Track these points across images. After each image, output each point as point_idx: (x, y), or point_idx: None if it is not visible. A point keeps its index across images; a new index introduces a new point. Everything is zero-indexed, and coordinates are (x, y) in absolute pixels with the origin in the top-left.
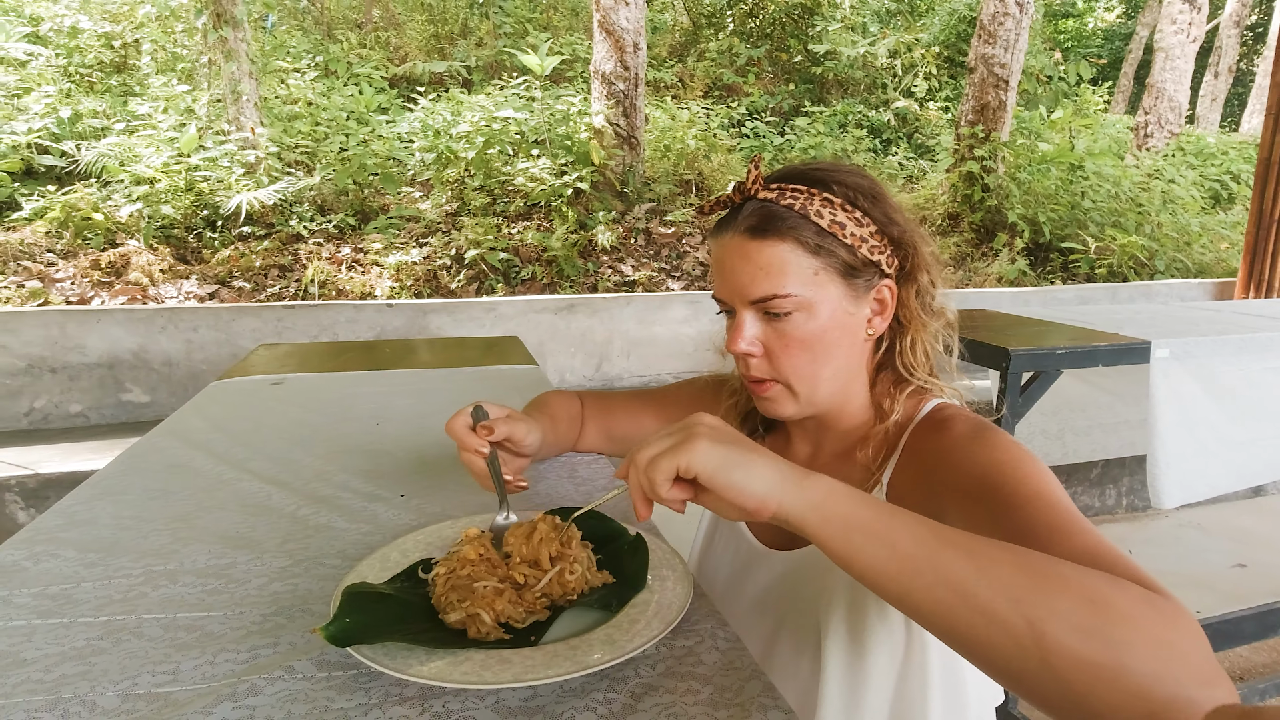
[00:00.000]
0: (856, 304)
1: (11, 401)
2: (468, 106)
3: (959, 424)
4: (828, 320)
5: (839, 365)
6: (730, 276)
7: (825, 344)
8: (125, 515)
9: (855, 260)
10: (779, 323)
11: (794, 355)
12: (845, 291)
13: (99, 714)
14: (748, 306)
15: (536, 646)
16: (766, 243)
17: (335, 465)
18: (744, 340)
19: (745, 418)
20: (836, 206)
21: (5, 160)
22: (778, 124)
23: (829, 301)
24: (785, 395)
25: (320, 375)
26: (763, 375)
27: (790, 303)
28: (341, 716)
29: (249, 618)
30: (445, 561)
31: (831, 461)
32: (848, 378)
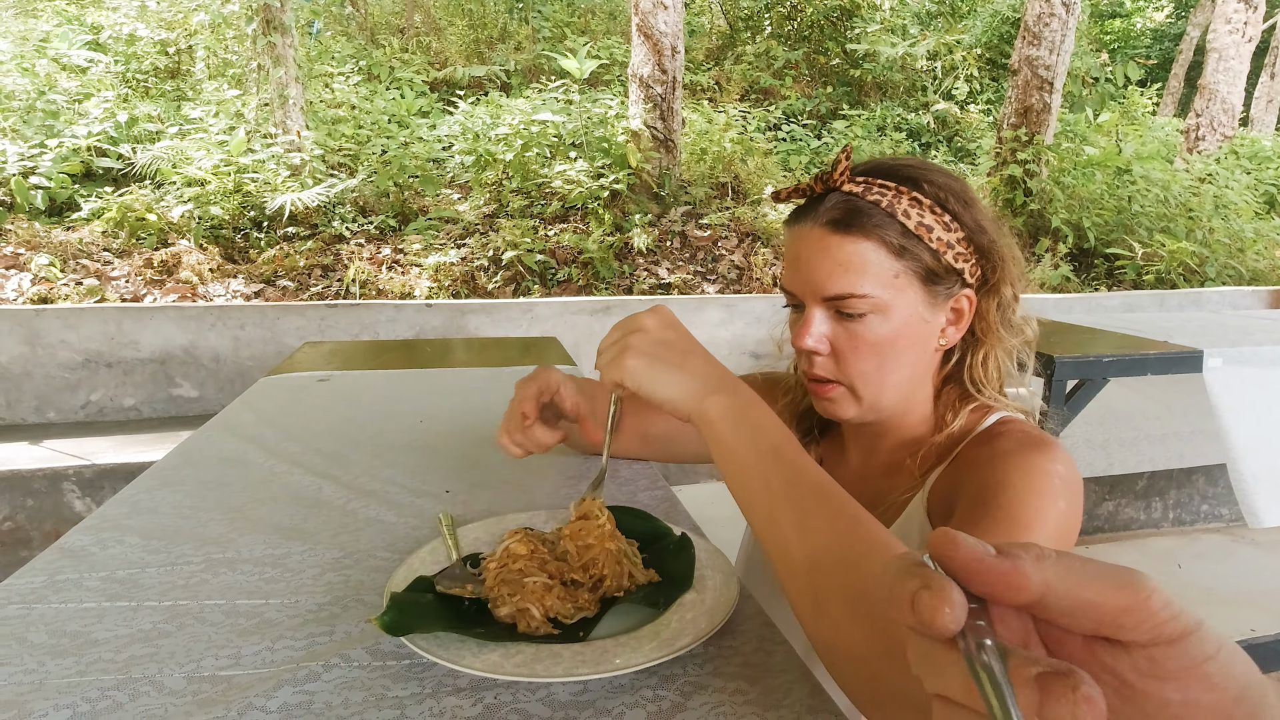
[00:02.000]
0: (933, 312)
1: (70, 394)
2: (506, 110)
3: (1007, 439)
4: (902, 325)
5: (907, 373)
6: (805, 270)
7: (896, 350)
8: (184, 505)
9: (939, 266)
10: (851, 323)
11: (862, 358)
12: (923, 298)
13: (167, 694)
14: (819, 303)
15: (586, 642)
16: (848, 238)
17: (382, 461)
18: (812, 337)
19: (800, 417)
20: (925, 207)
21: (67, 163)
22: (814, 127)
23: (905, 306)
24: (848, 398)
25: (365, 373)
26: (826, 375)
27: (866, 304)
28: (397, 704)
29: (305, 606)
30: (494, 556)
31: (882, 472)
32: (913, 386)
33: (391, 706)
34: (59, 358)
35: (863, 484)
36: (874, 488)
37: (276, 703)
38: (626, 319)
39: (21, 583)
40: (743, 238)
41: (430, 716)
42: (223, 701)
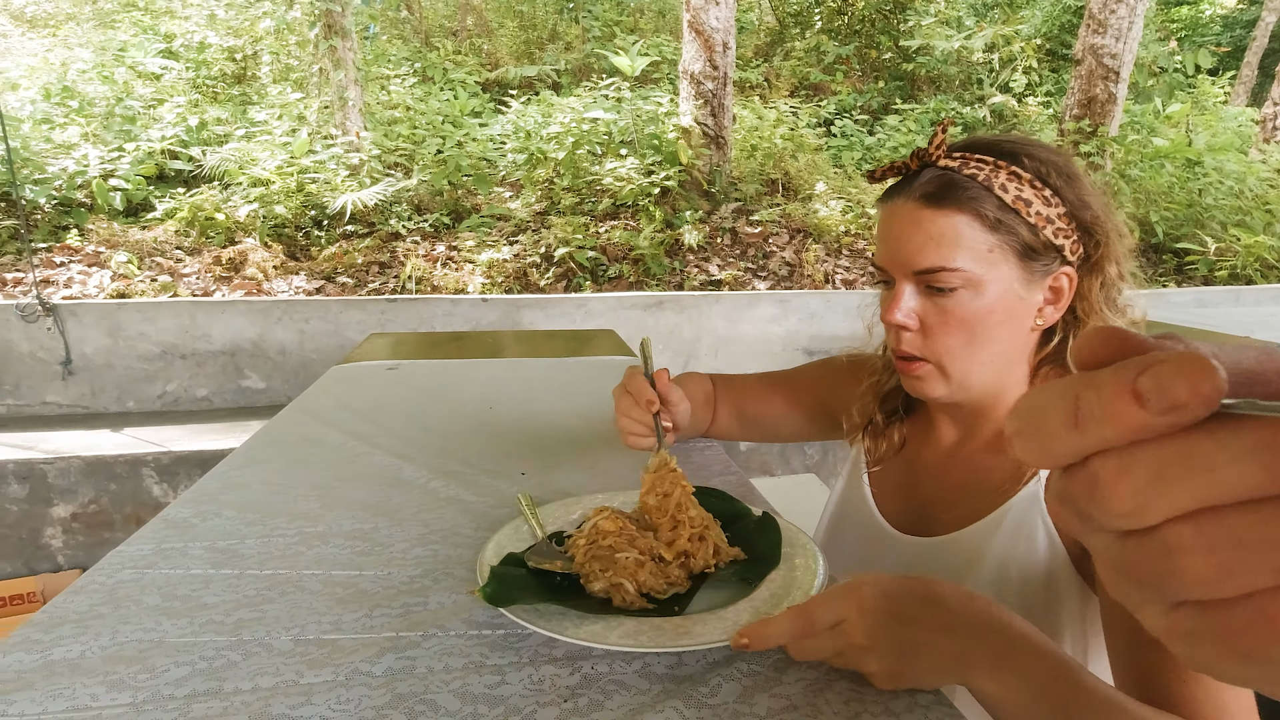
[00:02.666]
0: (1029, 289)
1: (148, 384)
2: (558, 108)
3: None
4: (994, 301)
5: (998, 351)
6: (895, 244)
7: (987, 326)
8: (273, 481)
9: (1036, 241)
10: (941, 298)
11: (951, 334)
12: (1019, 274)
13: (276, 655)
14: (909, 278)
15: (683, 616)
16: (941, 212)
17: (455, 444)
18: (901, 312)
19: (885, 398)
20: (1024, 182)
21: (142, 165)
22: (866, 122)
23: (999, 282)
24: (936, 376)
25: (430, 362)
26: (914, 352)
27: (958, 278)
28: (496, 671)
29: (397, 579)
30: (582, 533)
31: (979, 453)
32: (1006, 366)
33: (491, 673)
34: (138, 350)
35: (953, 463)
36: (967, 468)
37: (381, 667)
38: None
39: (132, 549)
40: (794, 234)
41: (529, 684)
42: (330, 664)
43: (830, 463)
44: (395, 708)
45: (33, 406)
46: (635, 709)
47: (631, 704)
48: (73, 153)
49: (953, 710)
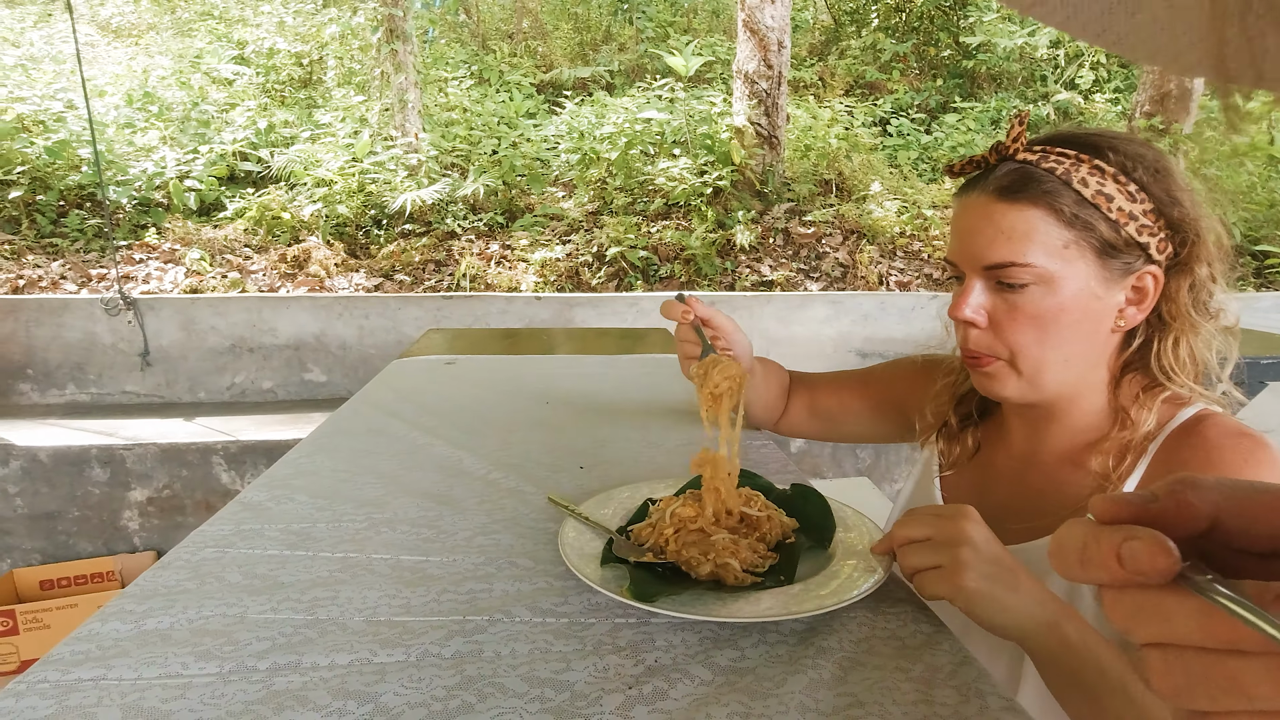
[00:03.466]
0: (1108, 288)
1: (218, 376)
2: (611, 109)
3: (1217, 431)
4: (1069, 300)
5: (1073, 352)
6: (966, 238)
7: (1060, 325)
8: (341, 469)
9: (1117, 238)
10: (1012, 294)
11: (1021, 331)
12: (1097, 272)
13: (350, 634)
14: (979, 272)
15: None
16: (1015, 206)
17: (515, 437)
18: (969, 307)
19: (960, 400)
20: (1107, 176)
21: (215, 167)
22: (923, 121)
23: (1075, 279)
24: (1007, 373)
25: (487, 357)
26: (981, 350)
27: (1029, 273)
28: (561, 659)
29: (462, 565)
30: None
31: (1055, 463)
32: (1084, 369)
33: (557, 659)
34: (209, 343)
35: (1028, 471)
36: (1042, 477)
37: (450, 650)
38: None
39: (214, 530)
40: (847, 235)
41: (594, 672)
42: (401, 645)
43: (883, 466)
44: (465, 689)
45: (114, 395)
46: (699, 699)
47: (695, 694)
48: (152, 155)
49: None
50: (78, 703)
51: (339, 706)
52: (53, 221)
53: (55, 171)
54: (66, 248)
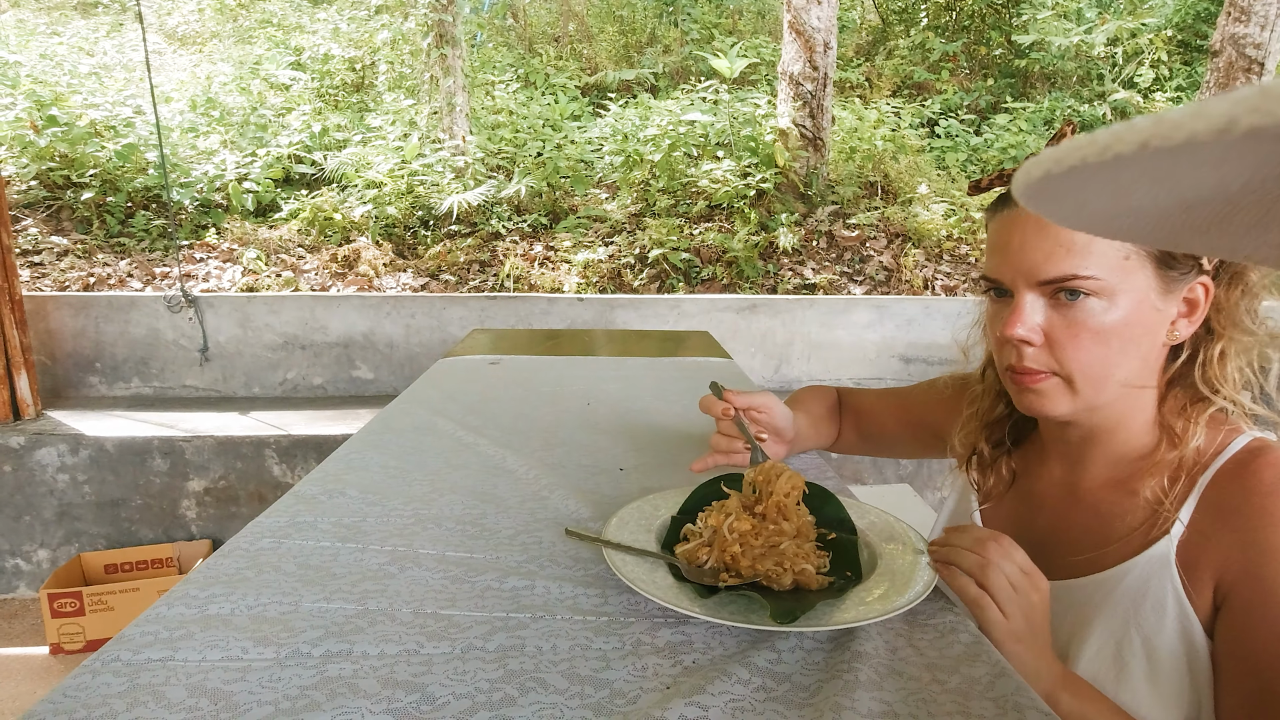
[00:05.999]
0: (1165, 300)
1: (271, 372)
2: (655, 111)
3: (1269, 471)
4: (1130, 313)
5: (1135, 368)
6: (1016, 253)
7: (1123, 340)
8: (390, 465)
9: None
10: (1070, 309)
11: (1084, 348)
12: (1156, 283)
13: (398, 624)
14: (1033, 287)
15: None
16: None
17: (556, 438)
18: (1024, 326)
19: (991, 426)
20: None
21: (271, 169)
22: (973, 122)
23: (1135, 291)
24: (1061, 390)
25: (531, 358)
26: (1037, 366)
27: (1092, 285)
28: (600, 657)
29: (506, 562)
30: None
31: (1101, 489)
32: (1136, 385)
33: (597, 658)
34: (264, 339)
35: (1072, 500)
36: (1088, 506)
37: (493, 644)
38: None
39: (270, 521)
40: (892, 238)
41: (633, 670)
42: (446, 637)
43: (925, 474)
44: (508, 682)
45: (174, 389)
46: (735, 699)
47: (731, 693)
48: (213, 158)
49: None
50: (147, 681)
51: (388, 695)
52: (121, 222)
53: (124, 174)
54: (133, 247)
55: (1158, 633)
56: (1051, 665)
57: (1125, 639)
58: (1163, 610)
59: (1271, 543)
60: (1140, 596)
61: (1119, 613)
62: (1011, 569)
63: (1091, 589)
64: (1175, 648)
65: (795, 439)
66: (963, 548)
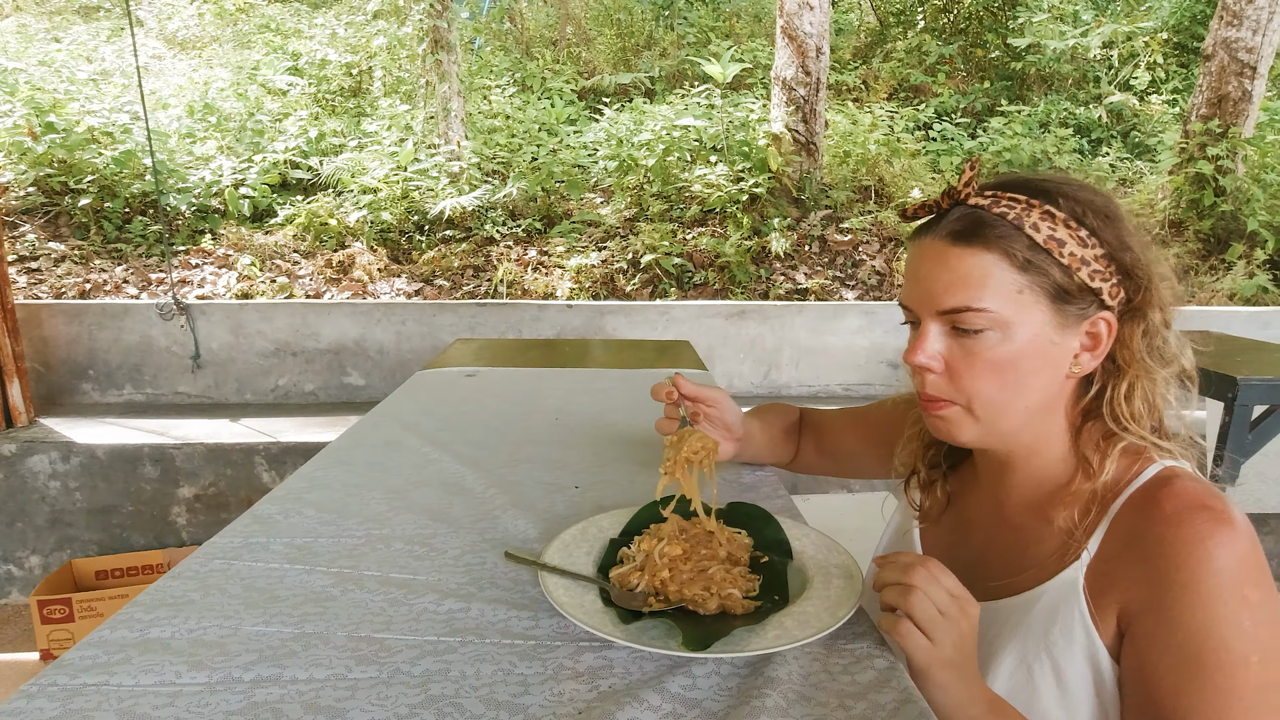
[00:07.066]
0: (1063, 334)
1: (263, 379)
2: (650, 116)
3: (1175, 504)
4: (1025, 345)
5: (1034, 399)
6: (921, 283)
7: (1018, 371)
8: (352, 483)
9: (1070, 284)
10: (968, 339)
11: (980, 378)
12: (1052, 317)
13: (331, 648)
14: (935, 317)
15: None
16: (969, 250)
17: (520, 455)
18: (924, 353)
19: (928, 449)
20: (1059, 221)
21: (267, 175)
22: (969, 125)
23: (1030, 325)
24: (964, 418)
25: (508, 370)
26: (939, 394)
27: (985, 318)
28: (520, 682)
29: (446, 585)
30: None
31: (1023, 514)
32: (1041, 415)
33: (517, 683)
34: (256, 346)
35: (998, 524)
36: (1011, 530)
37: (420, 669)
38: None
39: (223, 542)
40: (885, 242)
41: (550, 696)
42: (376, 661)
43: None
44: (427, 708)
45: (166, 396)
46: None
47: (641, 719)
48: (210, 164)
49: None
50: (79, 706)
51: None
52: (118, 228)
53: (121, 180)
54: (130, 253)
55: (1066, 658)
56: (981, 691)
57: (1037, 663)
58: (1071, 636)
59: (1170, 574)
60: (1051, 622)
61: (1031, 637)
62: (939, 594)
63: (1007, 612)
64: (1084, 673)
65: (746, 439)
66: (888, 580)
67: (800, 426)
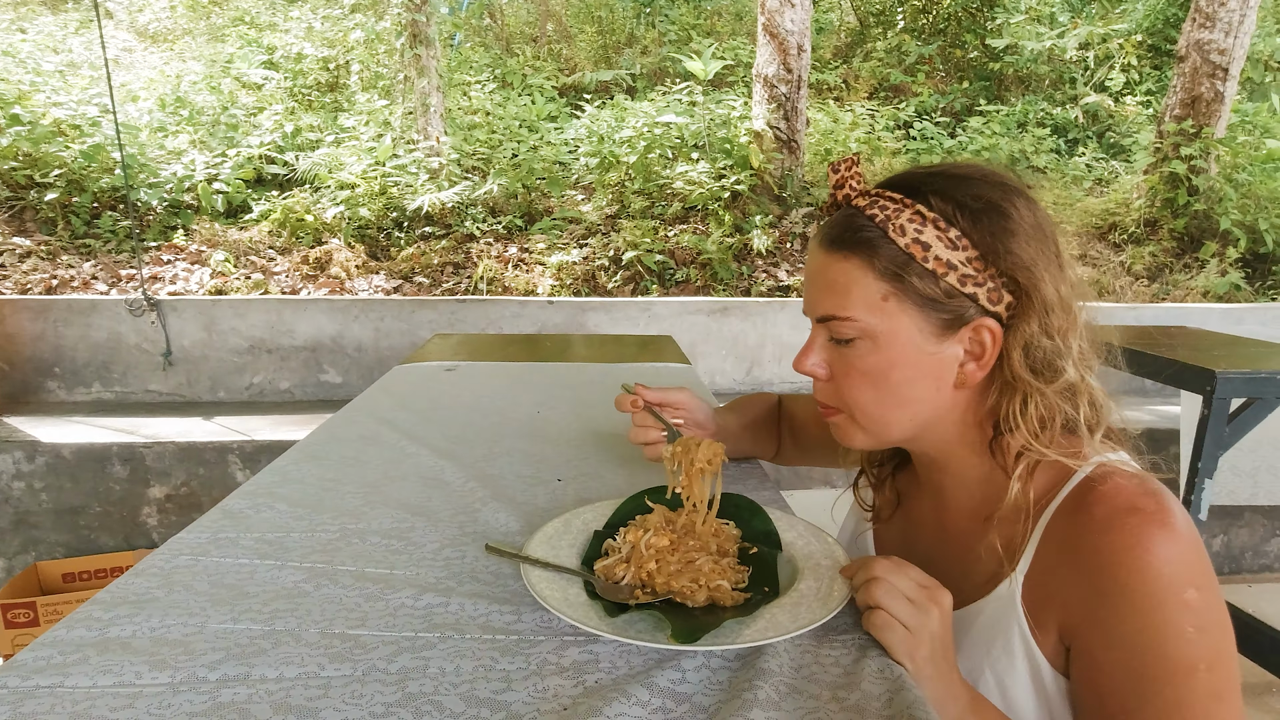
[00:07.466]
0: (939, 342)
1: (237, 376)
2: (631, 113)
3: (1105, 509)
4: (896, 355)
5: (919, 410)
6: (806, 288)
7: (892, 382)
8: (327, 478)
9: (935, 290)
10: (844, 348)
11: (855, 388)
12: (923, 325)
13: (304, 645)
14: (816, 324)
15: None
16: (836, 256)
17: (500, 448)
18: (808, 360)
19: (884, 458)
20: (928, 223)
21: (242, 170)
22: (948, 124)
23: (899, 334)
24: (851, 425)
25: (488, 364)
26: (826, 401)
27: (853, 327)
28: (503, 678)
29: (425, 579)
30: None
31: (961, 522)
32: (935, 424)
33: (499, 679)
34: (230, 343)
35: (941, 529)
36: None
37: (396, 666)
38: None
39: (191, 537)
40: None
41: (533, 692)
42: (350, 659)
43: None
44: (404, 706)
45: (137, 394)
46: None
47: (628, 714)
48: (182, 158)
49: None
50: (31, 710)
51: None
52: (86, 223)
53: (90, 174)
54: (99, 249)
55: (1009, 673)
56: (962, 688)
57: (981, 678)
58: (1011, 651)
59: (1105, 585)
60: (992, 638)
61: (975, 651)
62: (905, 583)
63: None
64: (1027, 688)
65: (721, 435)
66: (857, 581)
67: (779, 415)
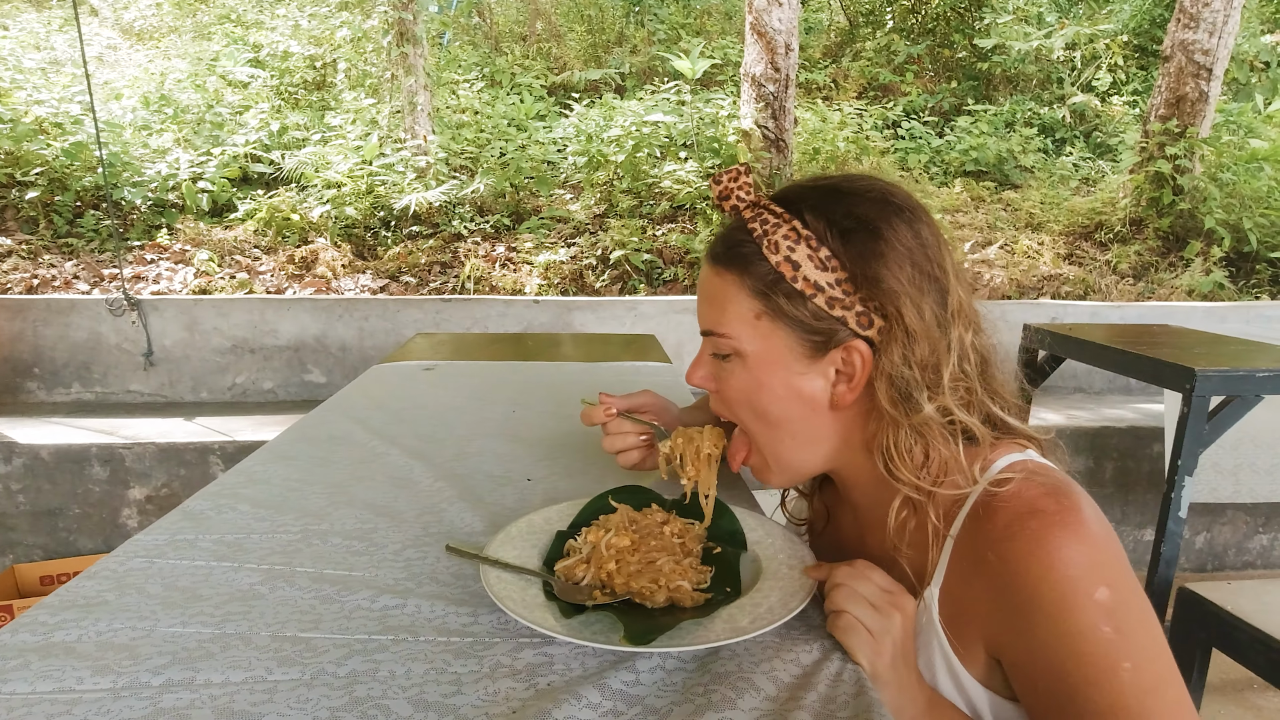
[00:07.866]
0: (809, 364)
1: (219, 376)
2: (619, 111)
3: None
4: (764, 375)
5: (796, 431)
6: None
7: (763, 402)
8: (293, 478)
9: (803, 312)
10: (722, 363)
11: (734, 405)
12: (794, 345)
13: (253, 649)
14: (703, 336)
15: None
16: (717, 271)
17: (473, 447)
18: (697, 374)
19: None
20: (802, 240)
21: (227, 169)
22: (937, 124)
23: (769, 353)
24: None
25: (468, 363)
26: (720, 414)
27: (728, 344)
28: (453, 681)
29: (383, 580)
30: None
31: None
32: (815, 447)
33: (449, 682)
34: (212, 343)
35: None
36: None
37: (346, 669)
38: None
39: (148, 539)
40: None
41: (484, 695)
42: (299, 663)
43: None
44: (350, 710)
45: (117, 394)
46: None
47: (577, 717)
48: (167, 157)
49: None
50: None
51: None
52: (69, 222)
53: (72, 173)
54: (81, 248)
55: (934, 688)
56: (919, 692)
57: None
58: (933, 667)
59: (1013, 595)
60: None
61: None
62: (868, 588)
63: None
64: (955, 702)
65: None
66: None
67: None
